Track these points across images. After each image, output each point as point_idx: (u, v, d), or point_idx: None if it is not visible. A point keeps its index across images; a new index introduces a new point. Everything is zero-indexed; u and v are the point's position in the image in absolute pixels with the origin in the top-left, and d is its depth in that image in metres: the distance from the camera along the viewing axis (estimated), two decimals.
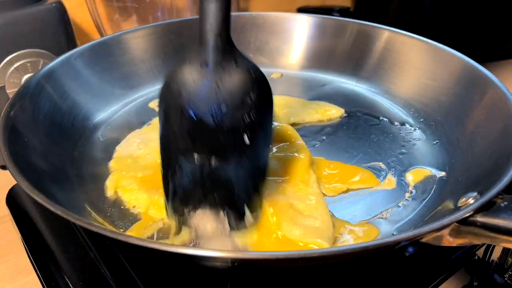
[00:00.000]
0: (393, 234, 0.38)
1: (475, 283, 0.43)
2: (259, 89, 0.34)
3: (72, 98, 0.52)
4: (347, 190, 0.43)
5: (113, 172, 0.45)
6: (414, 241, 0.30)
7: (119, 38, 0.59)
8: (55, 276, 0.38)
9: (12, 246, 0.51)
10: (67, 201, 0.38)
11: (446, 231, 0.30)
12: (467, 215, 0.30)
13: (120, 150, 0.49)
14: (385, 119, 0.54)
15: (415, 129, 0.52)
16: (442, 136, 0.49)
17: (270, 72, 0.65)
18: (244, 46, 0.64)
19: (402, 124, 0.53)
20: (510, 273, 0.44)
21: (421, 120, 0.53)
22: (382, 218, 0.40)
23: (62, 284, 0.38)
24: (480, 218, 0.30)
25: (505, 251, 0.43)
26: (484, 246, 0.41)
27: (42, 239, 0.42)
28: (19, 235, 0.44)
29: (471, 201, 0.35)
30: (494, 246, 0.42)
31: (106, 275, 0.38)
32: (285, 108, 0.55)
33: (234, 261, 0.30)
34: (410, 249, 0.32)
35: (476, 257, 0.40)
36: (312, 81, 0.63)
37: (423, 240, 0.31)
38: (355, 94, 0.60)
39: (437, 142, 0.49)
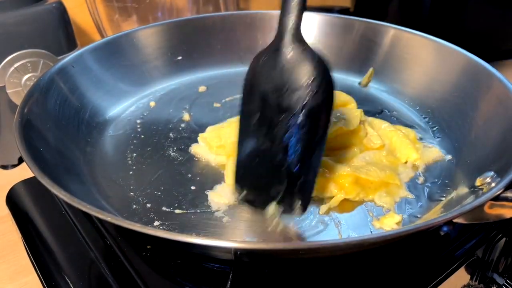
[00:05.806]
0: (416, 217, 0.40)
1: (475, 283, 0.43)
2: (319, 78, 0.36)
3: (84, 94, 0.52)
4: None
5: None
6: (448, 221, 0.32)
7: (131, 35, 0.60)
8: (55, 276, 0.38)
9: (12, 246, 0.51)
10: (80, 194, 0.39)
11: (482, 208, 0.33)
12: (499, 192, 0.33)
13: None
14: (385, 110, 0.56)
15: (413, 116, 0.54)
16: (441, 122, 0.52)
17: None
18: (251, 44, 0.65)
19: (402, 112, 0.55)
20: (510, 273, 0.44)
21: (417, 108, 0.55)
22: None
23: (62, 284, 0.38)
24: (510, 194, 0.33)
25: (505, 251, 0.43)
26: (484, 246, 0.41)
27: (42, 239, 0.42)
28: (19, 235, 0.44)
29: (488, 180, 0.38)
30: (494, 246, 0.42)
31: (107, 275, 0.38)
32: None
33: (237, 250, 0.30)
34: (445, 228, 0.35)
35: (476, 257, 0.40)
36: None
37: (457, 220, 0.33)
38: (355, 89, 0.61)
39: (436, 128, 0.52)
